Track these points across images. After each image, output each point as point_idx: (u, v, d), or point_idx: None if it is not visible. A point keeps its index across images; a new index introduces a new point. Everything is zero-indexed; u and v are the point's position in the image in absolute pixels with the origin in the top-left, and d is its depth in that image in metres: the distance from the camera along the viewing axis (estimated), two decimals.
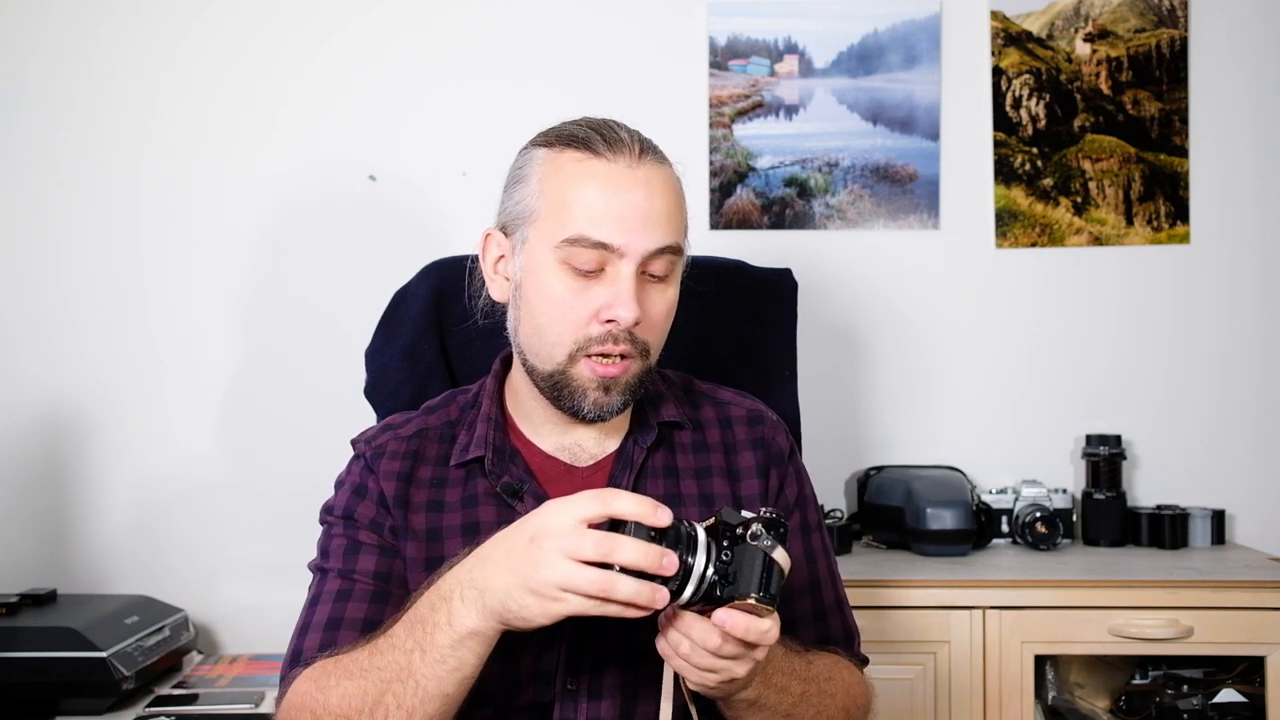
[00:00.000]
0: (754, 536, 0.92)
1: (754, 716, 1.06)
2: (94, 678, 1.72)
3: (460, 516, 1.15)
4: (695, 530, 0.92)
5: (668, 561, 0.89)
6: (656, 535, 0.89)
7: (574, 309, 1.09)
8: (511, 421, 1.21)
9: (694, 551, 0.90)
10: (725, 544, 0.92)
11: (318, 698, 1.00)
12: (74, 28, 2.18)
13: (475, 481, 1.16)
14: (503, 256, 1.17)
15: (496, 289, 1.19)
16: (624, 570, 0.88)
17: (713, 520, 0.94)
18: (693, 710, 1.06)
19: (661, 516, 0.89)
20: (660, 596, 0.89)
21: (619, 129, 1.12)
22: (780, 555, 0.92)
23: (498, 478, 1.15)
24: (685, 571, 0.91)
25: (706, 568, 0.91)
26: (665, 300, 1.13)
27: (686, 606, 0.94)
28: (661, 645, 0.98)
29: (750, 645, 0.93)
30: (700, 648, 0.94)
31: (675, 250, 1.11)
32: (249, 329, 2.18)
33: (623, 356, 1.10)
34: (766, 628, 0.92)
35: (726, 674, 0.95)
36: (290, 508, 2.11)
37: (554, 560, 0.88)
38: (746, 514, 0.94)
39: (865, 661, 1.26)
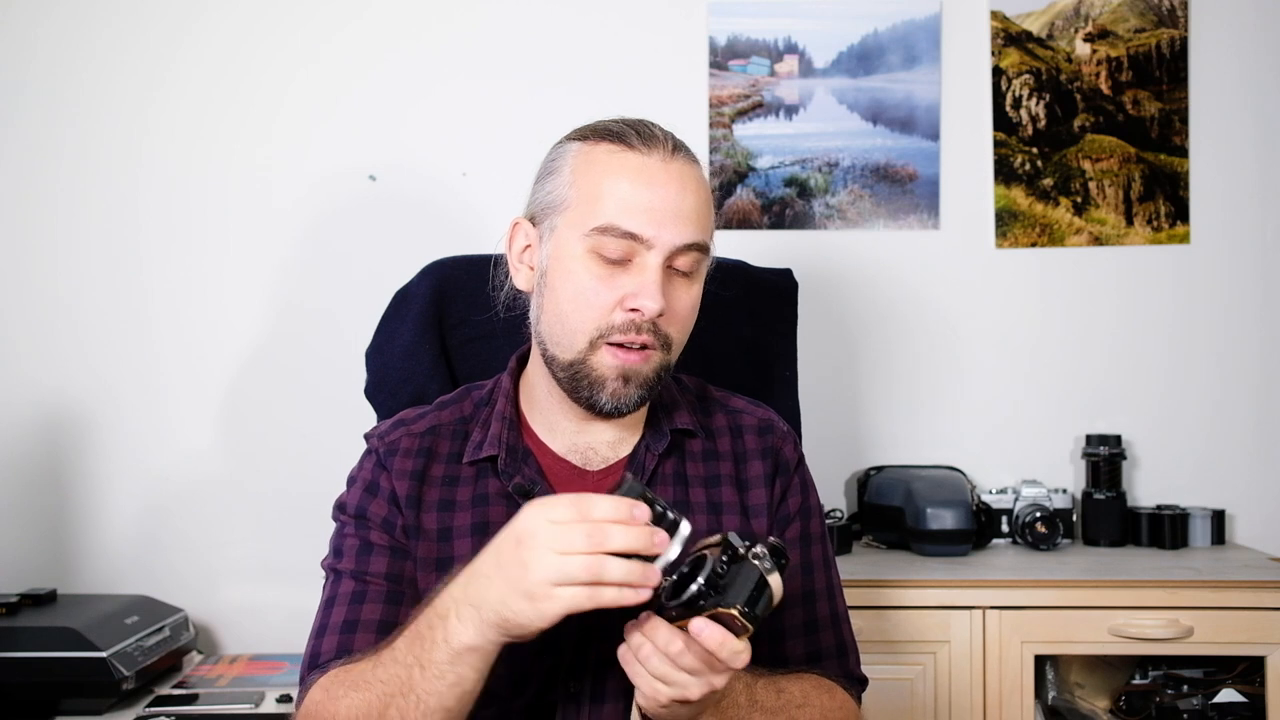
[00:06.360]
0: (755, 556, 0.91)
1: None
2: (94, 678, 1.72)
3: (470, 516, 1.15)
4: (679, 520, 0.91)
5: (659, 539, 0.88)
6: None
7: (599, 296, 1.09)
8: (525, 421, 1.20)
9: (675, 533, 0.89)
10: (725, 559, 0.91)
11: (329, 708, 1.01)
12: (74, 28, 2.18)
13: (486, 480, 1.16)
14: (529, 246, 1.17)
15: (521, 278, 1.19)
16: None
17: (719, 538, 0.94)
18: None
19: (638, 516, 0.88)
20: (652, 574, 0.88)
21: (653, 127, 1.14)
22: (775, 582, 0.91)
23: (510, 478, 1.15)
24: (677, 580, 0.91)
25: (698, 576, 0.90)
26: (690, 296, 1.13)
27: (664, 612, 0.93)
28: (622, 650, 0.96)
29: (712, 665, 0.91)
30: (660, 653, 0.92)
31: (702, 248, 1.12)
32: (249, 329, 2.18)
33: (644, 346, 1.10)
34: (739, 649, 0.89)
35: (679, 691, 0.92)
36: (290, 507, 2.12)
37: (545, 558, 0.87)
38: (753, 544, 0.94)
39: (863, 683, 1.22)
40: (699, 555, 0.94)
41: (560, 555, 0.87)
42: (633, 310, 1.09)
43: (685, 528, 0.91)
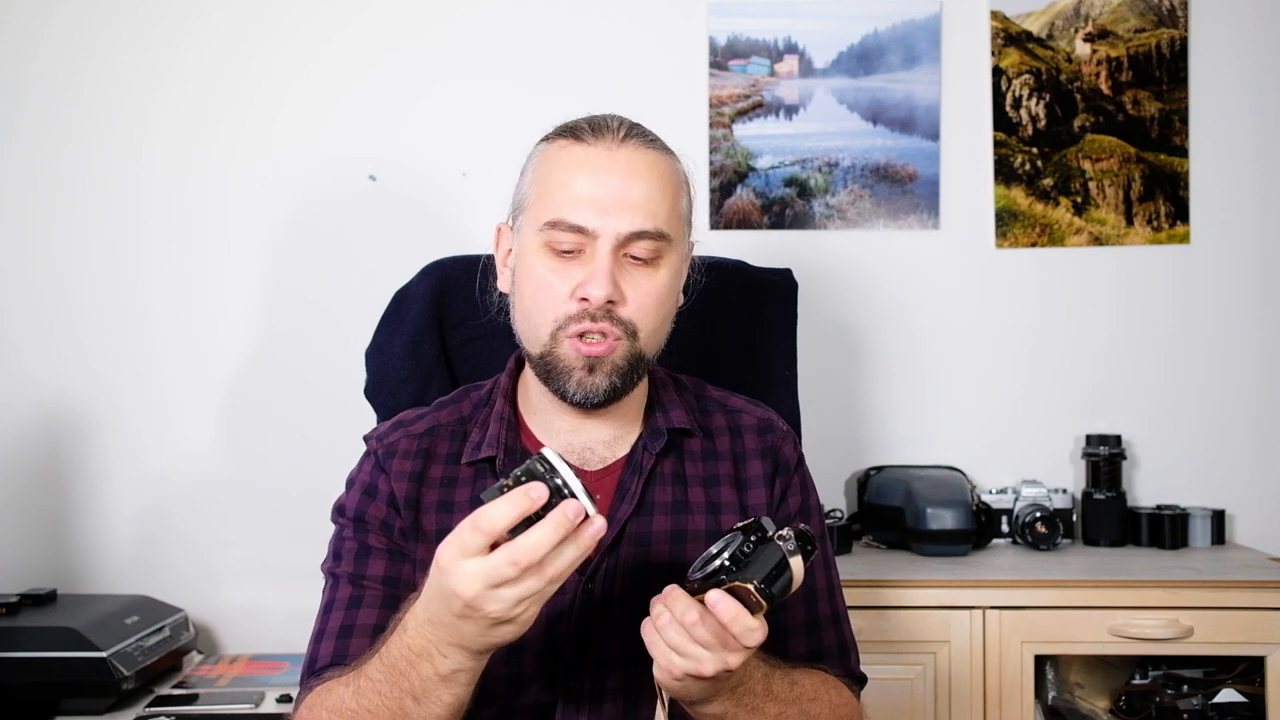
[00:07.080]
0: (781, 539, 0.93)
1: None
2: (94, 678, 1.72)
3: None
4: (549, 459, 0.87)
5: (572, 510, 0.85)
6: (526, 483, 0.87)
7: (554, 288, 1.10)
8: (523, 422, 1.20)
9: (556, 473, 0.87)
10: (753, 539, 0.93)
11: None
12: (74, 28, 2.18)
13: (485, 481, 1.16)
14: (511, 249, 1.18)
15: (503, 280, 1.20)
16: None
17: (751, 520, 0.95)
18: (662, 710, 1.03)
19: (536, 498, 0.85)
20: (597, 528, 0.86)
21: (611, 118, 1.14)
22: (796, 565, 0.92)
23: None
24: (705, 556, 0.93)
25: (724, 553, 0.92)
26: (653, 284, 1.12)
27: (686, 584, 0.94)
28: (644, 621, 0.97)
29: (726, 642, 0.91)
30: (677, 622, 0.92)
31: (656, 236, 1.10)
32: (249, 329, 2.18)
33: (603, 335, 1.09)
34: (752, 625, 0.90)
35: (693, 664, 0.92)
36: (290, 507, 2.12)
37: (493, 595, 0.86)
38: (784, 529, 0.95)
39: (862, 681, 1.23)
40: (730, 534, 0.95)
41: (505, 588, 0.86)
42: (583, 299, 1.09)
43: (550, 455, 0.87)
